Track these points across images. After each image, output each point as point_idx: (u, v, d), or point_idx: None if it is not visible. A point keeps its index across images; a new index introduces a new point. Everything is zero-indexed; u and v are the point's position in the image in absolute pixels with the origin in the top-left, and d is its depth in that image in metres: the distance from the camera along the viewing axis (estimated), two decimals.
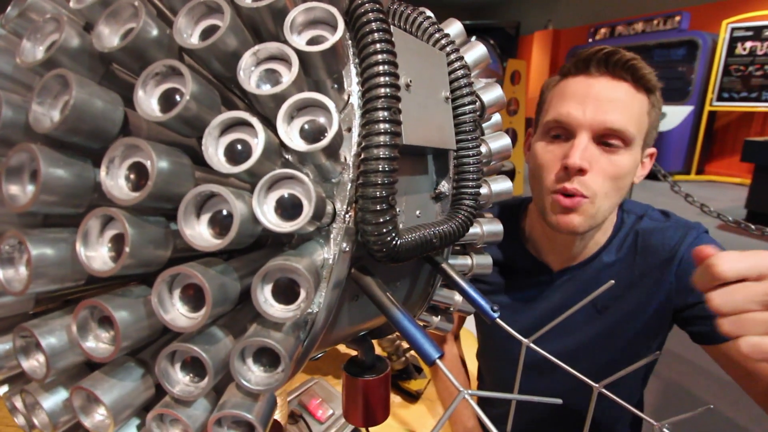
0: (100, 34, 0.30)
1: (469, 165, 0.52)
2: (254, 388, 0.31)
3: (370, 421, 0.61)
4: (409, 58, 0.44)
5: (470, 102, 0.52)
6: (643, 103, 0.76)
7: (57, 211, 0.29)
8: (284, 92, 0.30)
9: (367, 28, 0.38)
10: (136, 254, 0.28)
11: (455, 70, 0.52)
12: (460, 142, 0.52)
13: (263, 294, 0.31)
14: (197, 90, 0.29)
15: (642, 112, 0.75)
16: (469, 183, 0.53)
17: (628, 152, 0.74)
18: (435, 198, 0.54)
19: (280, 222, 0.30)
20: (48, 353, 0.29)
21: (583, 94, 0.74)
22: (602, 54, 0.74)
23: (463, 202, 0.53)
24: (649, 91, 0.76)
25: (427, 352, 0.39)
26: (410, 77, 0.43)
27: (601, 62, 0.74)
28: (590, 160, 0.73)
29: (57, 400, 0.32)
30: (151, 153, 0.27)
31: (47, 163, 0.27)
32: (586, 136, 0.73)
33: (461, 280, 0.53)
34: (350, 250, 0.40)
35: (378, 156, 0.37)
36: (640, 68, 0.74)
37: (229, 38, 0.30)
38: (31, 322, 0.30)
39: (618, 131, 0.73)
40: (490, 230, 0.60)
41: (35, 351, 0.31)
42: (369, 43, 0.38)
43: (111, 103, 0.29)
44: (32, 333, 0.29)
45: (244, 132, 0.30)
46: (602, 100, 0.73)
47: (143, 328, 0.30)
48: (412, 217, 0.50)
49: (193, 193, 0.29)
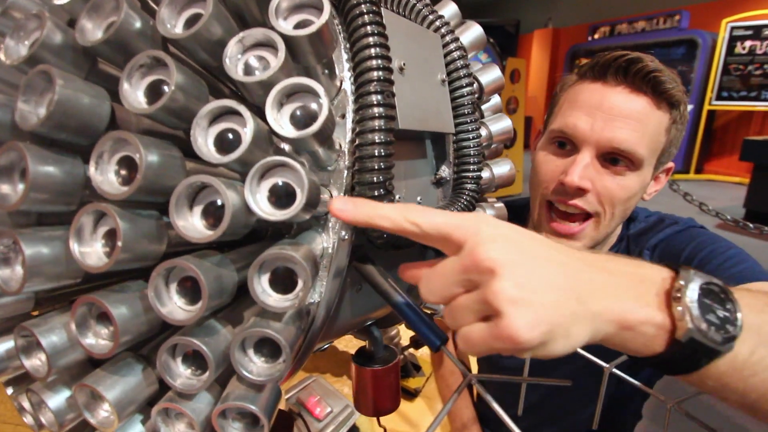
0: (83, 29, 0.29)
1: (470, 148, 0.51)
2: (256, 379, 0.31)
3: (380, 411, 0.60)
4: (402, 40, 0.43)
5: (468, 84, 0.51)
6: (663, 120, 0.67)
7: (49, 209, 0.29)
8: (272, 78, 0.30)
9: (356, 10, 0.38)
10: (130, 248, 0.28)
11: (451, 52, 0.51)
12: (459, 125, 0.51)
13: (260, 284, 0.31)
14: (183, 80, 0.29)
15: (659, 131, 0.67)
16: (470, 167, 0.52)
17: (635, 174, 0.67)
18: (436, 183, 0.53)
19: (273, 210, 0.30)
20: (49, 351, 0.29)
21: (595, 106, 0.66)
22: (623, 61, 0.65)
23: (464, 186, 0.52)
24: (672, 106, 0.68)
25: (432, 338, 0.39)
26: (404, 60, 0.43)
27: (620, 71, 0.66)
28: (592, 179, 0.67)
29: (62, 399, 0.32)
30: (139, 146, 0.27)
31: (35, 161, 0.27)
32: (589, 153, 0.67)
33: None
34: (349, 238, 0.39)
35: (373, 141, 0.36)
36: (663, 82, 0.65)
37: (213, 26, 0.30)
38: (30, 321, 0.30)
39: (626, 152, 0.65)
40: (495, 214, 0.59)
41: (36, 350, 0.31)
42: (359, 26, 0.37)
43: (97, 97, 0.29)
44: (32, 332, 0.29)
45: (234, 121, 0.30)
46: (614, 115, 0.65)
47: (142, 322, 0.30)
48: (412, 203, 0.49)
49: (185, 185, 0.28)
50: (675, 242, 0.73)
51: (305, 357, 0.42)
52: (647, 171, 0.69)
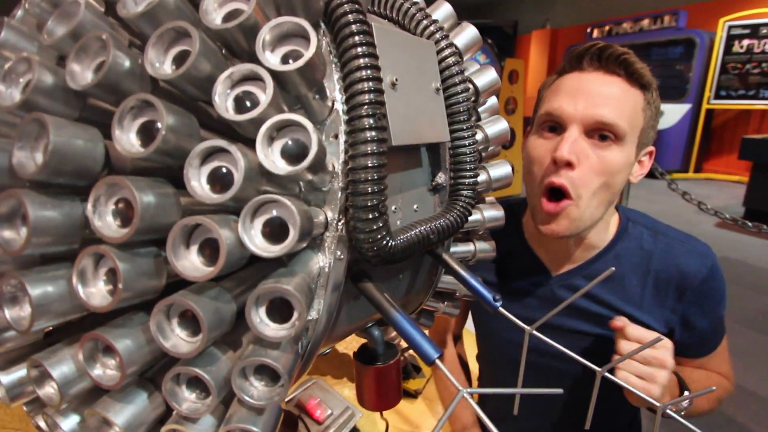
0: (72, 73, 0.29)
1: (466, 155, 0.51)
2: (257, 403, 0.33)
3: (383, 406, 0.62)
4: (395, 54, 0.43)
5: (463, 90, 0.50)
6: (638, 99, 0.74)
7: (52, 250, 0.30)
8: (261, 115, 0.30)
9: (346, 30, 0.37)
10: (131, 287, 0.29)
11: (445, 58, 0.50)
12: (455, 132, 0.51)
13: (258, 315, 0.32)
14: (173, 121, 0.29)
15: (636, 108, 0.74)
16: (466, 173, 0.52)
17: (619, 148, 0.73)
18: (432, 190, 0.53)
19: (267, 246, 0.31)
20: (59, 382, 0.31)
21: (576, 89, 0.73)
22: (595, 49, 0.73)
23: (460, 192, 0.52)
24: (643, 88, 0.75)
25: (427, 352, 0.40)
26: (396, 75, 0.42)
27: (593, 57, 0.74)
28: (579, 154, 0.72)
29: (74, 422, 0.34)
30: (133, 190, 0.28)
31: (35, 208, 0.28)
32: (576, 130, 0.72)
33: (462, 270, 0.53)
34: (345, 257, 0.40)
35: (366, 165, 0.37)
36: (633, 63, 0.72)
37: (201, 63, 0.30)
38: (40, 355, 0.31)
39: (609, 125, 0.71)
40: (492, 216, 0.60)
41: (48, 380, 0.33)
42: (349, 47, 0.37)
43: (91, 141, 0.29)
44: (42, 365, 0.31)
45: (225, 159, 0.30)
46: (594, 95, 0.72)
47: (146, 353, 0.31)
48: (409, 212, 0.50)
49: (180, 226, 0.29)
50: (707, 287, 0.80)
51: (306, 368, 0.43)
52: (630, 148, 0.75)
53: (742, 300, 2.87)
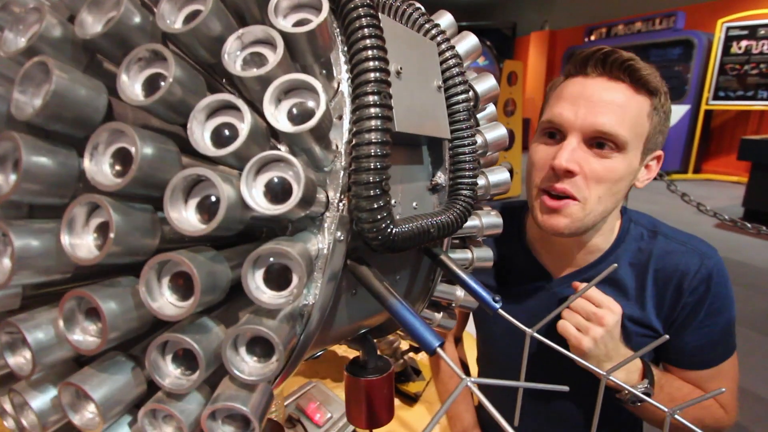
0: (82, 22, 0.29)
1: (465, 155, 0.52)
2: (248, 379, 0.30)
3: (374, 423, 0.59)
4: (399, 45, 0.44)
5: (463, 91, 0.51)
6: (643, 105, 0.73)
7: (41, 200, 0.28)
8: (269, 74, 0.30)
9: (354, 14, 0.38)
10: (122, 241, 0.28)
11: (447, 60, 0.51)
12: (455, 132, 0.52)
13: (254, 280, 0.30)
14: (181, 74, 0.29)
15: (640, 115, 0.73)
16: (466, 173, 0.52)
17: (621, 156, 0.73)
18: (432, 189, 0.53)
19: (268, 205, 0.30)
20: (34, 348, 0.29)
21: (578, 95, 0.73)
22: (600, 54, 0.73)
23: (460, 192, 0.52)
24: (651, 93, 0.74)
25: (428, 341, 0.38)
26: (400, 65, 0.43)
27: (598, 62, 0.73)
28: (579, 163, 0.72)
29: (45, 399, 0.31)
30: (136, 138, 0.27)
31: (29, 151, 0.27)
32: (575, 138, 0.72)
33: (461, 272, 0.52)
34: (345, 239, 0.39)
35: (369, 141, 0.36)
36: (639, 69, 0.71)
37: (212, 22, 0.30)
38: (16, 317, 0.29)
39: (608, 134, 0.71)
40: (490, 222, 0.59)
41: (21, 347, 0.30)
42: (356, 29, 0.38)
43: (94, 90, 0.29)
44: (18, 328, 0.28)
45: (231, 116, 0.30)
46: (595, 102, 0.71)
47: (132, 319, 0.29)
48: (408, 209, 0.49)
49: (180, 176, 0.28)
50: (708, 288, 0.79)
51: (299, 360, 0.41)
52: (633, 155, 0.74)
53: (742, 301, 2.85)
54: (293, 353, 0.39)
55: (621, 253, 0.83)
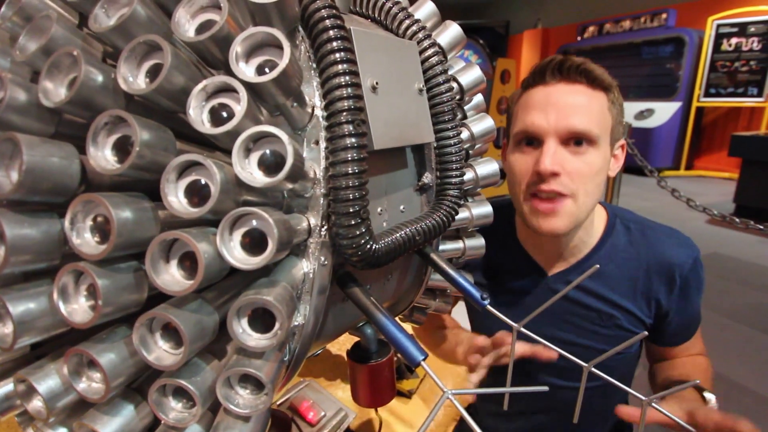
0: (45, 90, 0.29)
1: (451, 155, 0.51)
2: (242, 412, 0.33)
3: (377, 402, 0.63)
4: (376, 57, 0.43)
5: (447, 90, 0.50)
6: (602, 101, 0.79)
7: (32, 268, 0.30)
8: (237, 127, 0.30)
9: (324, 36, 0.37)
10: (112, 302, 0.29)
11: (428, 58, 0.50)
12: (440, 132, 0.51)
13: (240, 326, 0.32)
14: (148, 136, 0.29)
15: (602, 110, 0.78)
16: (452, 173, 0.52)
17: (596, 150, 0.77)
18: (419, 190, 0.53)
19: (246, 258, 0.31)
20: (45, 397, 0.31)
21: (545, 102, 0.78)
22: (555, 63, 0.78)
23: (447, 192, 0.52)
24: (605, 90, 0.79)
25: (412, 355, 0.40)
26: (377, 78, 0.42)
27: (555, 70, 0.78)
28: (561, 163, 0.75)
29: None
30: (109, 207, 0.28)
31: (11, 227, 0.28)
32: (553, 142, 0.76)
33: (450, 269, 0.53)
34: (329, 262, 0.40)
35: (346, 172, 0.37)
36: (592, 70, 0.77)
37: (175, 77, 0.30)
38: (25, 370, 0.32)
39: (582, 132, 0.75)
40: (480, 213, 0.60)
41: (35, 394, 0.33)
42: (327, 53, 0.37)
43: (66, 158, 0.29)
44: (28, 380, 0.31)
45: (202, 173, 0.30)
46: (562, 105, 0.76)
47: (130, 366, 0.32)
48: (395, 214, 0.50)
49: (157, 242, 0.29)
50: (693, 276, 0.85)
51: (294, 372, 0.44)
52: (604, 147, 0.79)
53: (733, 295, 2.87)
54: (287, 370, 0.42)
55: (611, 248, 0.86)
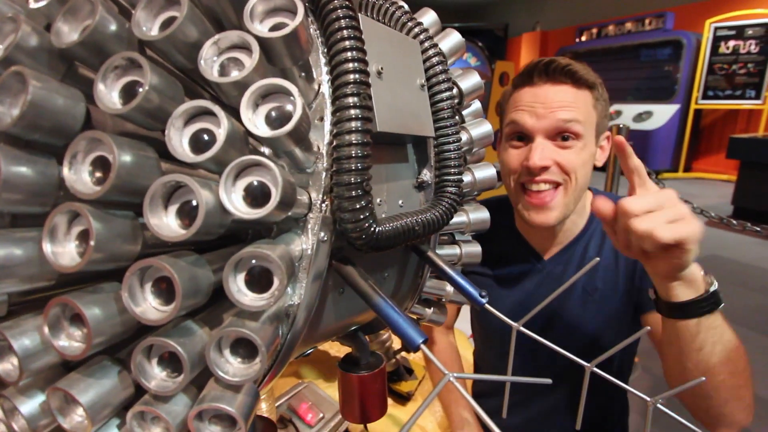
0: (58, 32, 0.29)
1: (450, 152, 0.52)
2: (232, 380, 0.31)
3: (368, 418, 0.60)
4: (380, 45, 0.44)
5: (447, 89, 0.52)
6: (587, 98, 0.85)
7: (22, 209, 0.29)
8: (246, 79, 0.30)
9: (333, 15, 0.38)
10: (103, 248, 0.28)
11: (430, 58, 0.51)
12: (439, 130, 0.52)
13: (236, 283, 0.31)
14: (158, 81, 0.29)
15: (587, 107, 0.84)
16: (451, 170, 0.52)
17: (582, 143, 0.83)
18: (418, 187, 0.53)
19: (247, 209, 0.30)
20: (20, 355, 0.29)
21: (532, 102, 0.84)
22: (541, 65, 0.84)
23: (446, 189, 0.52)
24: (590, 87, 0.85)
25: (412, 338, 0.39)
26: (381, 65, 0.43)
27: (541, 72, 0.84)
28: (550, 157, 0.81)
29: (35, 404, 0.32)
30: (113, 146, 0.27)
31: (8, 161, 0.27)
32: (541, 137, 0.82)
33: (448, 268, 0.52)
34: (329, 239, 0.39)
35: (350, 142, 0.37)
36: (577, 70, 0.83)
37: (188, 29, 0.30)
38: (2, 324, 0.29)
39: (568, 127, 0.81)
40: (477, 218, 0.60)
41: (8, 354, 0.31)
42: (335, 30, 0.38)
43: (72, 98, 0.29)
44: (3, 335, 0.29)
45: (209, 121, 0.30)
46: (549, 103, 0.82)
47: (116, 324, 0.30)
48: (394, 207, 0.49)
49: (159, 183, 0.28)
50: None
51: (286, 359, 0.41)
52: (590, 140, 0.86)
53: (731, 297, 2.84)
54: (280, 353, 0.39)
55: (596, 227, 0.94)
